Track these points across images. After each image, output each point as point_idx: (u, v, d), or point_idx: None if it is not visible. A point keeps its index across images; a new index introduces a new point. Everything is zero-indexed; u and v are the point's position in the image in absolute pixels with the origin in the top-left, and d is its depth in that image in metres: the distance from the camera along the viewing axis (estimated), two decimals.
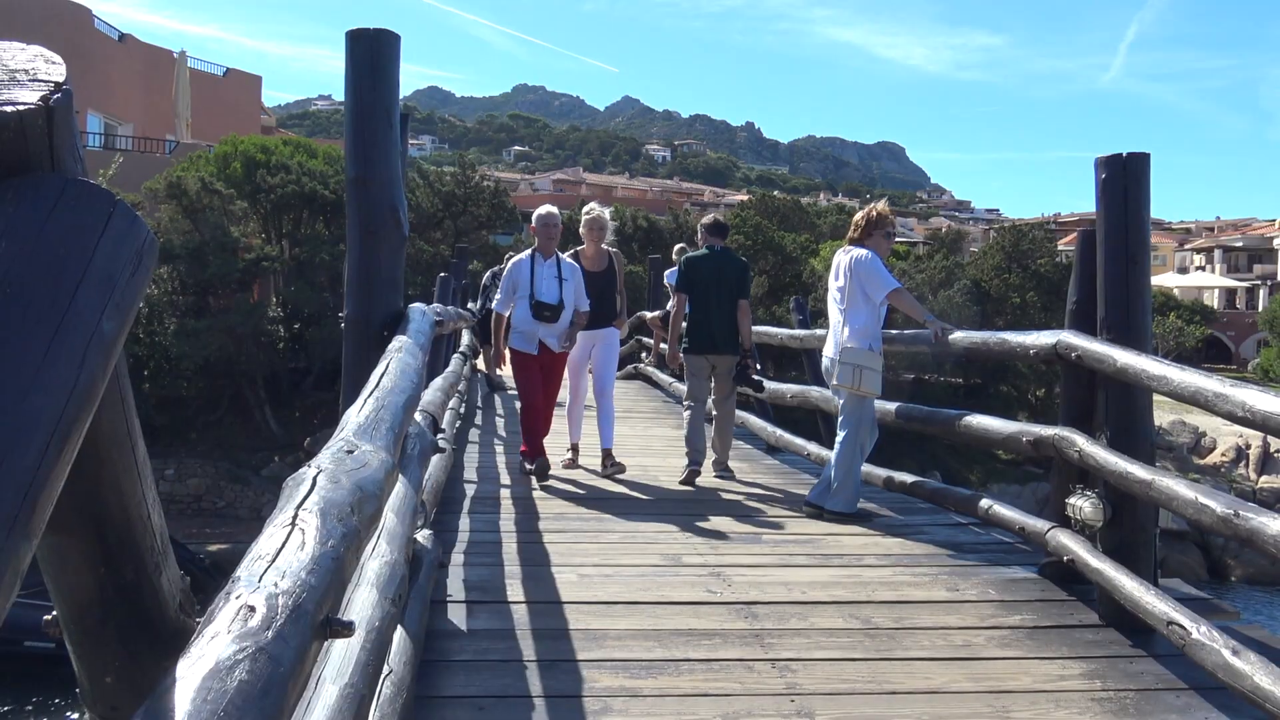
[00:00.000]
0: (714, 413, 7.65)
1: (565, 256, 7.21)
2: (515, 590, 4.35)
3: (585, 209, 7.81)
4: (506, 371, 9.02)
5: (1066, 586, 4.47)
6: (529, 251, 7.12)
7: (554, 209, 7.31)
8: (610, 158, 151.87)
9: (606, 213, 7.76)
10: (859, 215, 6.04)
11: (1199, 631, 3.22)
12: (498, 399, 12.56)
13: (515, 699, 3.27)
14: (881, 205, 6.10)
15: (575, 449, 7.74)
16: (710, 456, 7.46)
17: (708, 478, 7.27)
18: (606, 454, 7.39)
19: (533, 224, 7.19)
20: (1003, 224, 53.67)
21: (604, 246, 7.61)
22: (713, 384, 7.40)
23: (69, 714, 11.67)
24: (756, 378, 7.31)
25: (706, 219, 8.03)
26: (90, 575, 2.00)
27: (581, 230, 7.61)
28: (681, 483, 7.02)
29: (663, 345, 13.68)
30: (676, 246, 13.93)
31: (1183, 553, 22.45)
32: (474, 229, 28.83)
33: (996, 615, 4.17)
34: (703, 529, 5.58)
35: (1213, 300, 51.34)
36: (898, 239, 6.33)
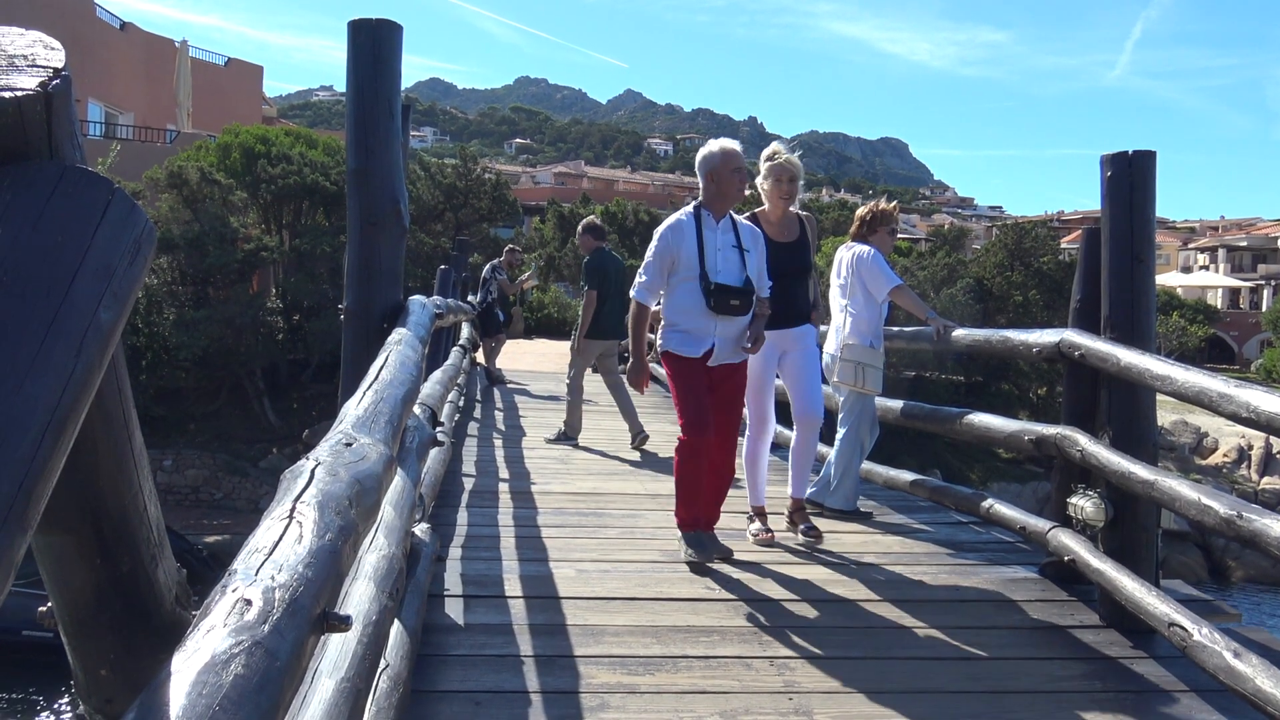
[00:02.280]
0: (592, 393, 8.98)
1: (743, 220, 5.01)
2: (513, 585, 4.34)
3: (768, 151, 5.27)
4: (505, 365, 9.07)
5: (1067, 587, 4.46)
6: (690, 209, 4.79)
7: (737, 145, 4.89)
8: (612, 151, 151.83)
9: (797, 157, 5.44)
10: (862, 211, 6.02)
11: (1200, 633, 3.21)
12: (496, 392, 12.56)
13: (512, 694, 3.26)
14: (885, 202, 6.08)
15: (762, 514, 5.32)
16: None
17: None
18: (797, 508, 5.39)
19: (703, 166, 4.80)
20: (1006, 221, 53.64)
21: (794, 209, 5.36)
22: (596, 365, 8.68)
23: (60, 702, 11.67)
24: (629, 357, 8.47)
25: (586, 222, 9.04)
26: (86, 567, 1.98)
27: (763, 183, 5.24)
28: (548, 439, 8.45)
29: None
30: None
31: (1184, 553, 22.44)
32: (475, 222, 28.79)
33: (996, 615, 4.16)
34: None
35: (1216, 300, 51.22)
36: (900, 235, 6.32)
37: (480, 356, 13.77)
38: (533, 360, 17.44)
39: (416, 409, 4.27)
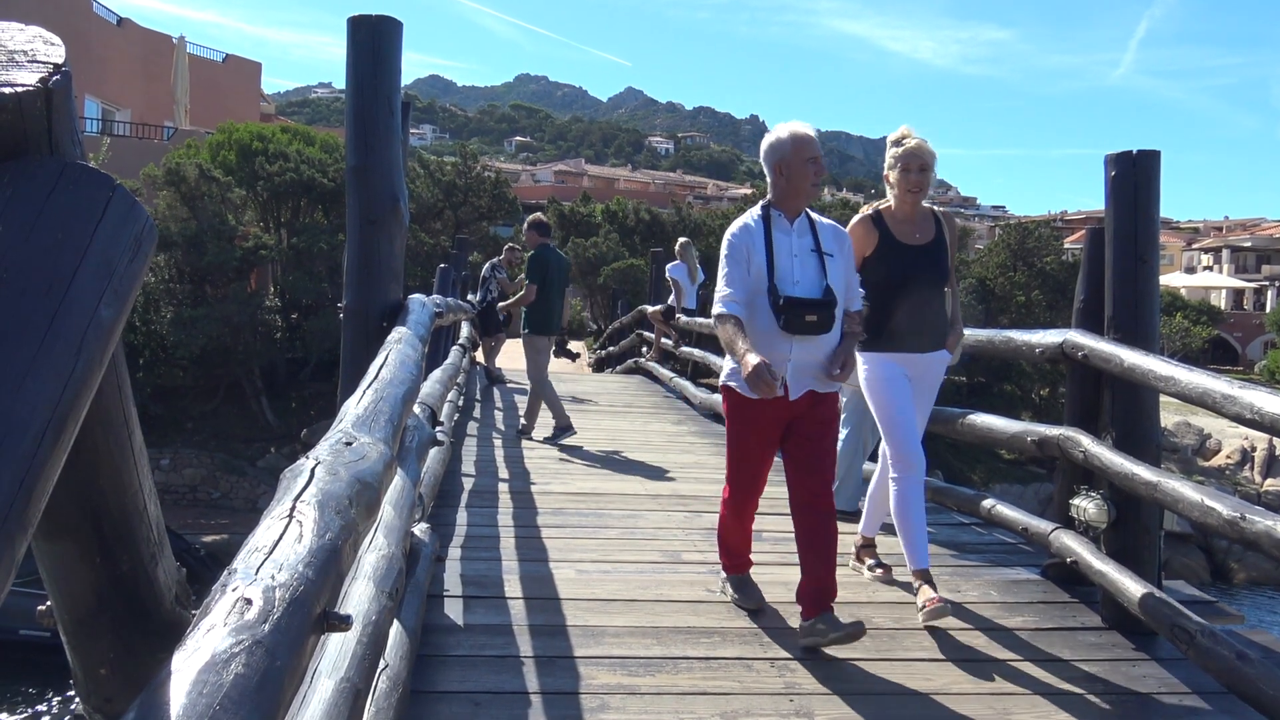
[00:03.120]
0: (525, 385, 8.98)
1: (851, 225, 4.27)
2: (513, 586, 4.33)
3: (895, 135, 4.36)
4: (505, 365, 9.11)
5: (1069, 588, 4.45)
6: (758, 210, 3.92)
7: (811, 129, 3.97)
8: (613, 149, 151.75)
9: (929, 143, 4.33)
10: (866, 210, 5.99)
11: (1203, 635, 3.21)
12: (496, 392, 12.54)
13: (512, 695, 3.25)
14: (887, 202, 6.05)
15: (871, 546, 4.72)
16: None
17: (704, 481, 7.24)
18: (922, 581, 4.08)
19: (769, 156, 3.93)
20: (1009, 221, 53.60)
21: (927, 204, 4.43)
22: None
23: (42, 699, 11.65)
24: (571, 349, 9.91)
25: (532, 218, 9.11)
26: (86, 566, 1.97)
27: (887, 173, 4.35)
28: (547, 440, 8.40)
29: (665, 340, 13.69)
30: (680, 240, 13.91)
31: (1186, 555, 22.41)
32: (474, 220, 28.78)
33: (998, 616, 4.14)
34: (702, 526, 5.55)
35: (1220, 301, 51.06)
36: None
37: (480, 356, 13.76)
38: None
39: (416, 408, 4.26)
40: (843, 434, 5.80)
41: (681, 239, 14.09)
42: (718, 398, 10.48)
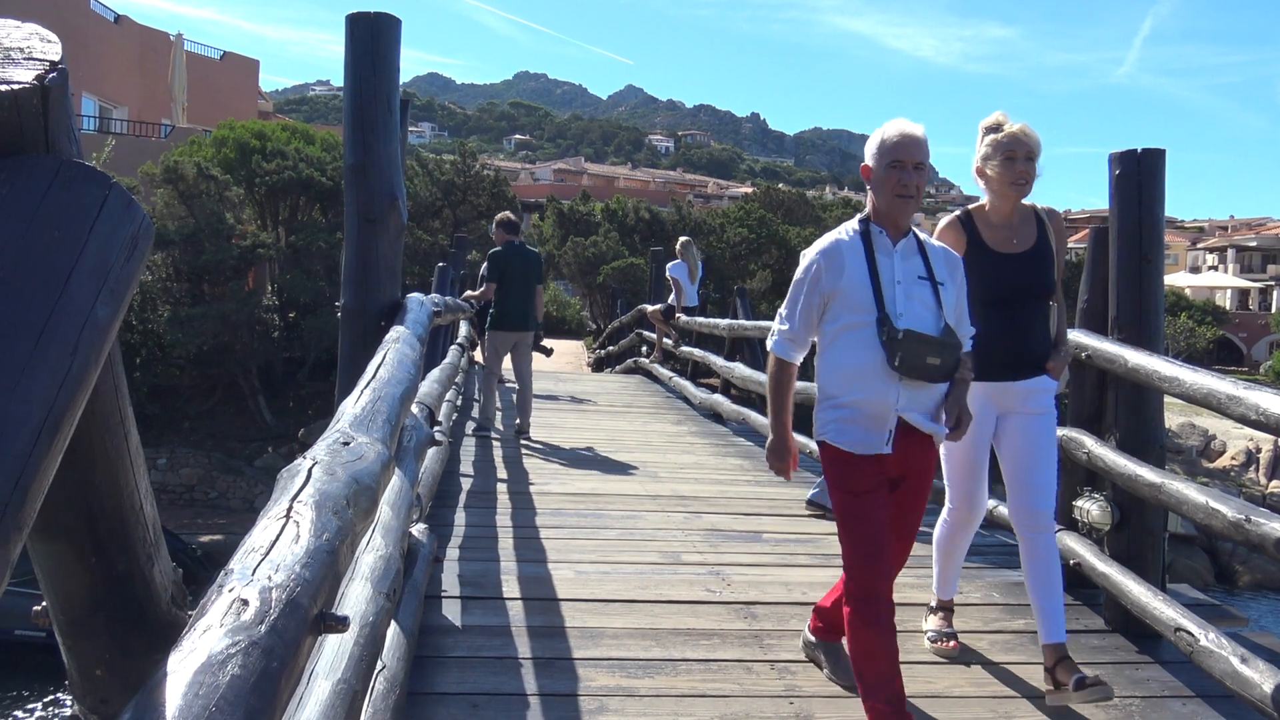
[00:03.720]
0: (516, 385, 9.10)
1: (925, 234, 3.36)
2: (511, 586, 4.31)
3: (990, 120, 3.59)
4: (505, 364, 9.12)
5: (1072, 590, 4.41)
6: (855, 224, 3.22)
7: (918, 128, 3.17)
8: (612, 148, 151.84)
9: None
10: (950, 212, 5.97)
11: (1207, 638, 3.19)
12: (495, 391, 12.52)
13: (510, 697, 3.23)
14: None
15: (948, 611, 3.92)
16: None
17: (704, 482, 7.23)
18: (1056, 658, 3.39)
19: (874, 157, 3.17)
20: None
21: (1028, 201, 3.65)
22: (510, 357, 8.86)
23: (37, 700, 11.63)
24: (545, 344, 9.67)
25: (500, 216, 9.18)
26: (81, 566, 1.96)
27: (983, 165, 3.57)
28: (474, 432, 8.58)
29: (666, 340, 13.67)
30: (681, 239, 13.90)
31: (1190, 558, 22.34)
32: (473, 219, 28.73)
33: (1000, 619, 4.13)
34: (702, 527, 5.54)
35: (1225, 301, 50.96)
36: None
37: (478, 355, 13.73)
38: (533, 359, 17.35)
39: (414, 408, 4.24)
40: None
41: (683, 238, 14.08)
42: (718, 397, 10.56)
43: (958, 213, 3.72)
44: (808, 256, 3.21)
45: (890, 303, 3.06)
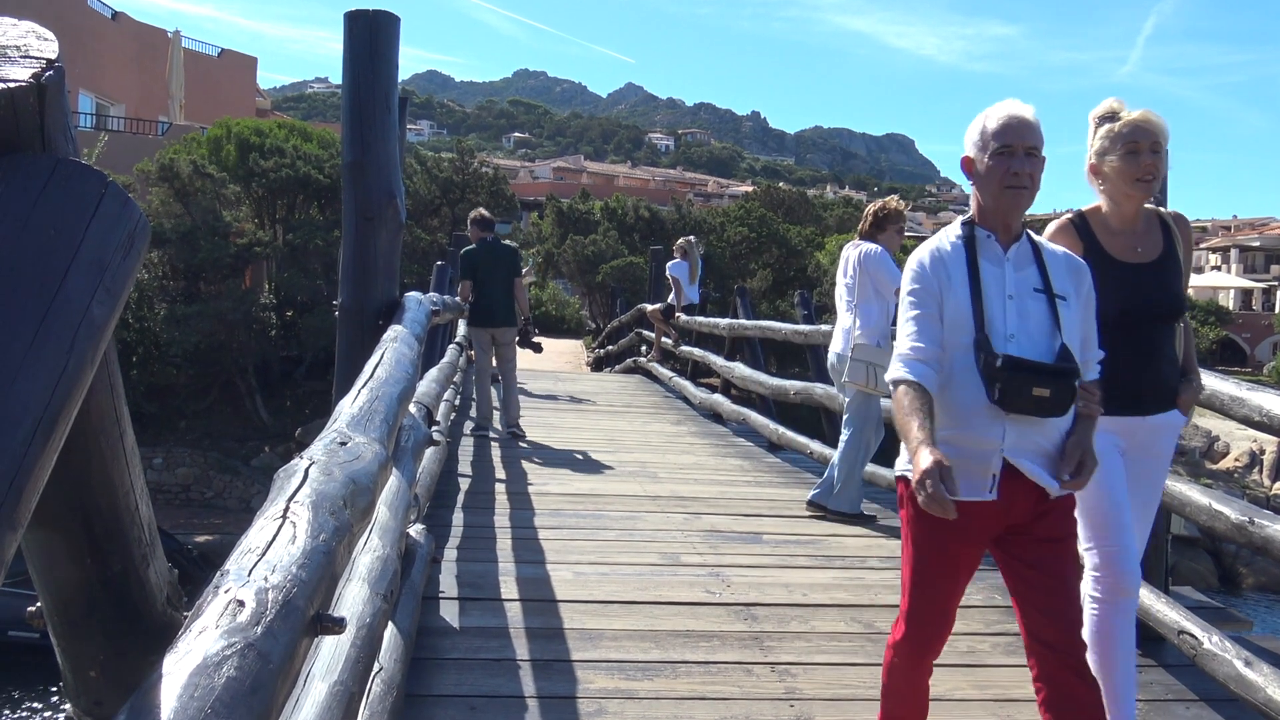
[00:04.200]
0: (501, 379, 9.08)
1: (1046, 238, 2.95)
2: (509, 588, 4.29)
3: (1103, 108, 3.12)
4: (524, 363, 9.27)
5: None
6: (957, 227, 2.73)
7: (1027, 110, 2.67)
8: (612, 146, 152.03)
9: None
10: (873, 208, 5.97)
11: (1211, 641, 3.18)
12: (493, 391, 12.50)
13: (508, 699, 3.22)
14: (894, 201, 6.05)
15: None
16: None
17: (704, 483, 7.22)
18: None
19: (976, 145, 2.67)
20: None
21: (1151, 204, 3.16)
22: (494, 353, 8.89)
23: (32, 704, 11.60)
24: (536, 340, 9.44)
25: (474, 214, 9.23)
26: (76, 566, 1.96)
27: (1106, 161, 3.05)
28: (473, 432, 8.58)
29: (665, 339, 13.66)
30: (685, 238, 13.89)
31: (1193, 560, 22.33)
32: None
33: (1002, 621, 4.11)
34: (702, 528, 5.52)
35: (1228, 301, 50.85)
36: (905, 234, 6.25)
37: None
38: (530, 358, 17.35)
39: (412, 408, 4.23)
40: (846, 435, 5.78)
41: (689, 237, 14.07)
42: (717, 397, 10.56)
43: (1070, 214, 3.20)
44: (915, 264, 2.68)
45: (996, 321, 2.56)
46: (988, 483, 2.52)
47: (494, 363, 9.08)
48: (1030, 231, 2.72)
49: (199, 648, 1.09)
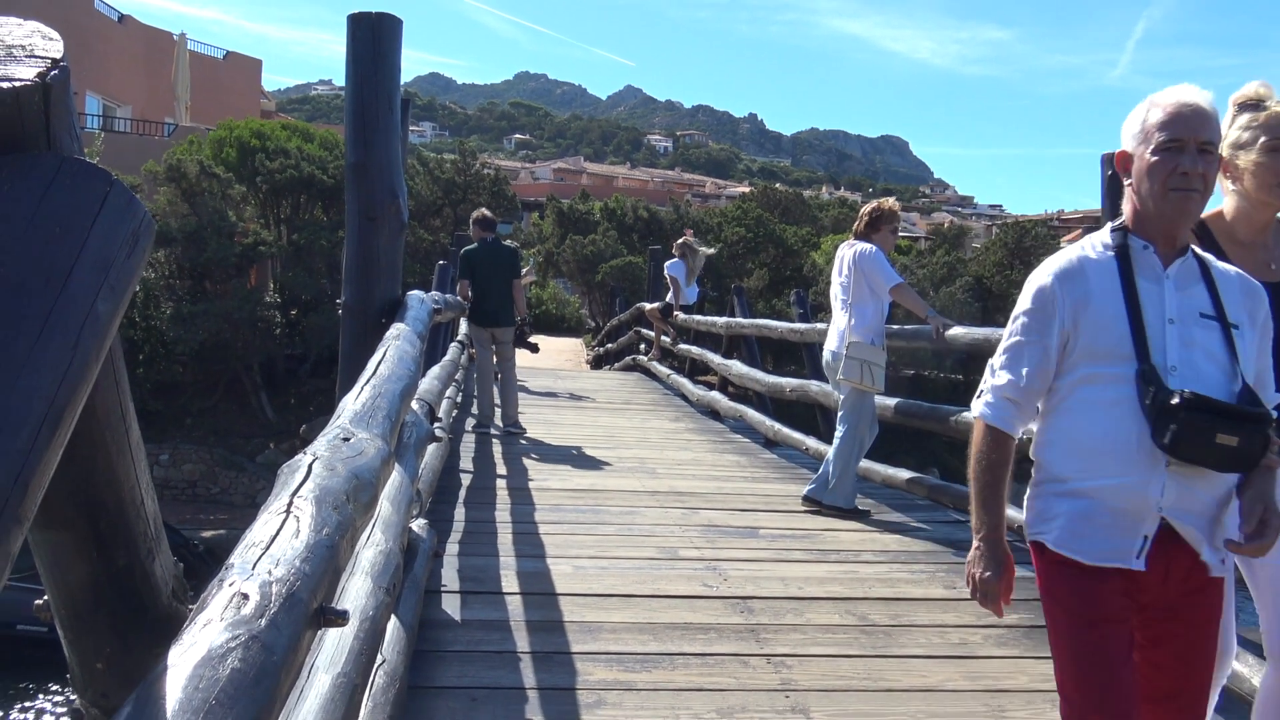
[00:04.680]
0: (500, 376, 9.13)
1: (1226, 264, 2.30)
2: (510, 581, 4.33)
3: (1243, 94, 2.62)
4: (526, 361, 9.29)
5: None
6: (1105, 235, 2.26)
7: (1202, 97, 2.16)
8: (612, 148, 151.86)
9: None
10: (869, 208, 6.01)
11: None
12: (495, 388, 12.53)
13: (508, 690, 3.25)
14: (890, 201, 6.08)
15: None
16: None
17: (701, 478, 7.26)
18: None
19: (1137, 138, 2.22)
20: (1006, 220, 53.49)
21: None
22: (494, 351, 8.96)
23: (41, 696, 11.67)
24: (531, 340, 9.56)
25: (476, 214, 9.37)
26: (82, 560, 1.97)
27: (1242, 156, 2.56)
28: (474, 429, 8.63)
29: (664, 338, 13.69)
30: (686, 239, 13.91)
31: None
32: None
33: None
34: (700, 523, 5.56)
35: None
36: (900, 234, 6.28)
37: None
38: (530, 356, 17.36)
39: (414, 404, 4.27)
40: (840, 431, 5.81)
41: (690, 239, 14.08)
42: (715, 395, 10.59)
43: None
44: (1036, 282, 2.25)
45: (1154, 352, 2.11)
46: (1137, 545, 2.09)
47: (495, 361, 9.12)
48: (1195, 248, 2.26)
49: (204, 640, 1.10)
